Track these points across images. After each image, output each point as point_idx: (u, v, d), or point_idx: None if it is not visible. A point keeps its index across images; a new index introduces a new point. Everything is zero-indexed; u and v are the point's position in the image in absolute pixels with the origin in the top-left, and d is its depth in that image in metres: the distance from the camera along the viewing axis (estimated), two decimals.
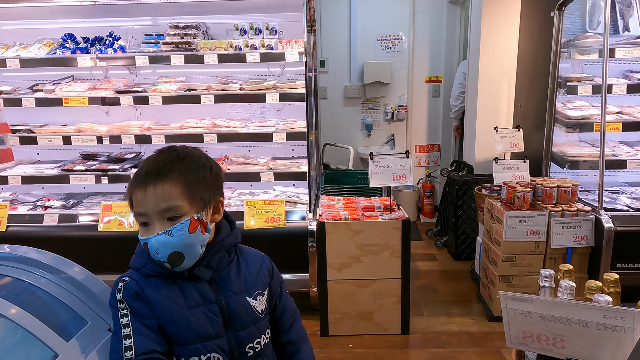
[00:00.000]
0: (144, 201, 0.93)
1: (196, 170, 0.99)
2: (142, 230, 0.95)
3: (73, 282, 0.87)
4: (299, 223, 2.64)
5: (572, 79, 2.82)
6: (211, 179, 1.02)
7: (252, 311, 1.03)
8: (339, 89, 4.67)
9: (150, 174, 0.94)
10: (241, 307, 1.02)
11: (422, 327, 2.60)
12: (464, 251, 3.58)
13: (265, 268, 1.12)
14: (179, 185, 0.95)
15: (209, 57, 2.68)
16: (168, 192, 0.93)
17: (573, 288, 1.05)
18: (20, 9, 2.85)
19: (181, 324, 0.96)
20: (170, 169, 0.96)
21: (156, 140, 2.79)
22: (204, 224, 0.98)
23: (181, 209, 0.94)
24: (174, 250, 0.93)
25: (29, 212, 2.79)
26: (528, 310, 0.86)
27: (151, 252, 0.93)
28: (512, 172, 2.86)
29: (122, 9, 2.87)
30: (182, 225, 0.93)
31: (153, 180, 0.93)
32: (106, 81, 3.02)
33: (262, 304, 1.06)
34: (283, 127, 2.81)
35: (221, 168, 1.09)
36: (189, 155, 1.01)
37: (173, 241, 0.93)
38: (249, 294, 1.04)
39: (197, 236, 0.96)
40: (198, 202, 0.97)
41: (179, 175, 0.96)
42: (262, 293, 1.07)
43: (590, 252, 2.48)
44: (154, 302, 0.96)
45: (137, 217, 0.95)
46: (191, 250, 0.96)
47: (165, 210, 0.93)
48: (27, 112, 3.05)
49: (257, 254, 1.14)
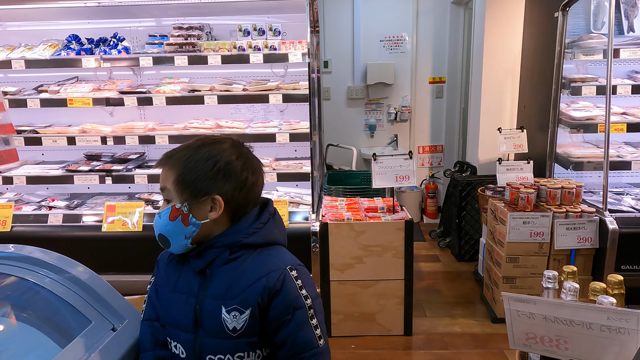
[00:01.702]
0: (162, 178, 1.02)
1: (196, 161, 1.00)
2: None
3: (77, 282, 0.88)
4: (302, 224, 2.64)
5: (576, 79, 2.81)
6: (210, 174, 0.99)
7: (220, 324, 0.95)
8: (342, 90, 4.67)
9: (165, 156, 1.03)
10: (212, 314, 0.95)
11: (425, 328, 2.60)
12: (467, 252, 3.57)
13: (261, 285, 0.96)
14: (175, 172, 0.99)
15: (212, 58, 2.69)
16: (166, 174, 1.00)
17: (577, 289, 1.05)
18: (26, 11, 2.87)
19: (163, 303, 1.02)
20: (179, 156, 1.01)
21: (160, 141, 2.80)
22: (185, 216, 0.98)
23: (170, 194, 1.00)
24: (159, 232, 1.00)
25: (33, 212, 2.80)
26: (531, 311, 0.86)
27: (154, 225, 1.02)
28: (516, 173, 2.85)
29: (126, 10, 2.88)
30: (166, 210, 0.99)
31: (163, 161, 1.02)
32: (110, 82, 3.03)
33: (237, 322, 0.95)
34: (286, 127, 2.81)
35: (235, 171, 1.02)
36: (204, 146, 1.02)
37: (159, 223, 1.00)
38: (225, 305, 0.96)
39: (179, 226, 0.98)
40: (185, 193, 0.98)
41: (179, 163, 1.00)
42: (240, 310, 0.95)
43: (594, 254, 2.47)
44: (159, 275, 1.06)
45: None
46: (174, 238, 0.99)
47: (162, 190, 1.01)
48: (32, 112, 3.07)
49: (267, 264, 1.00)
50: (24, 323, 0.84)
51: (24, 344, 0.82)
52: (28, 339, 0.83)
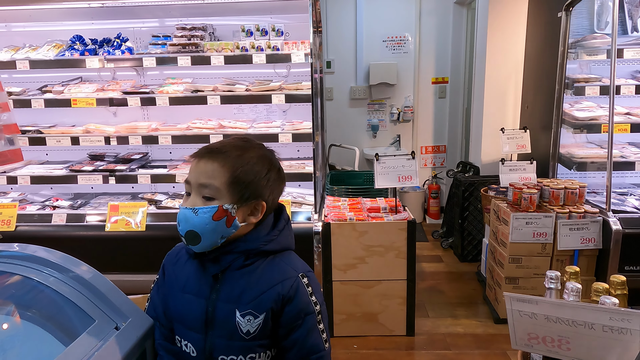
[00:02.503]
0: (193, 171, 0.97)
1: (251, 165, 0.99)
2: (184, 198, 0.99)
3: (81, 280, 0.88)
4: (304, 224, 2.64)
5: (579, 79, 2.80)
6: (262, 181, 1.00)
7: (234, 327, 0.97)
8: (345, 90, 4.68)
9: (211, 149, 0.98)
10: (225, 317, 0.97)
11: (428, 328, 2.60)
12: (470, 253, 3.56)
13: (276, 292, 0.98)
14: (227, 170, 0.96)
15: (215, 58, 2.70)
16: (213, 171, 0.96)
17: (579, 290, 1.05)
18: (30, 11, 2.89)
19: (172, 303, 1.02)
20: (228, 153, 0.98)
21: (163, 141, 2.81)
22: (231, 218, 0.97)
23: (217, 192, 0.96)
24: (192, 228, 0.95)
25: (37, 211, 2.82)
26: (533, 311, 0.86)
27: (177, 220, 0.97)
28: (519, 174, 2.85)
29: (129, 11, 2.89)
30: (209, 209, 0.95)
31: (209, 156, 0.97)
32: (114, 82, 3.05)
33: (251, 326, 0.97)
34: (289, 128, 2.81)
35: (283, 178, 1.07)
36: (254, 149, 1.02)
37: (195, 220, 0.94)
38: (240, 309, 0.97)
39: (220, 226, 0.96)
40: (236, 195, 0.97)
41: (231, 161, 0.97)
42: (254, 315, 0.97)
43: (597, 255, 2.46)
44: (167, 277, 1.06)
45: (185, 184, 1.00)
46: (209, 236, 0.96)
47: (203, 187, 0.95)
48: (36, 113, 3.09)
49: (281, 271, 1.01)
50: (28, 321, 0.84)
51: (28, 342, 0.83)
52: (32, 337, 0.83)
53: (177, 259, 1.06)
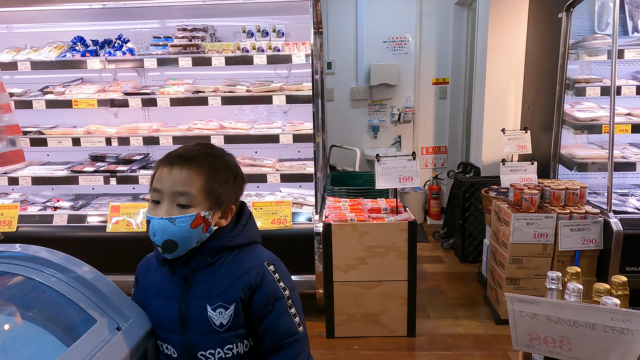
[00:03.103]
0: (165, 179, 0.96)
1: (223, 172, 1.02)
2: (151, 207, 0.98)
3: (82, 281, 0.89)
4: (305, 224, 2.64)
5: (580, 80, 2.80)
6: (233, 185, 1.05)
7: (208, 321, 0.99)
8: (346, 91, 4.68)
9: (181, 157, 0.98)
10: (198, 313, 1.00)
11: (429, 329, 2.59)
12: (471, 253, 3.56)
13: (243, 282, 1.01)
14: (203, 177, 0.98)
15: (216, 59, 2.70)
16: (189, 178, 0.96)
17: (580, 290, 1.05)
18: (32, 13, 2.90)
19: (148, 310, 1.04)
20: (201, 160, 0.99)
21: (164, 141, 2.81)
22: (207, 224, 0.99)
23: (193, 200, 0.96)
24: (170, 238, 0.95)
25: (38, 212, 2.82)
26: (535, 312, 0.86)
27: (150, 232, 0.96)
28: (520, 174, 2.85)
29: (130, 12, 2.90)
30: (186, 217, 0.95)
31: (181, 163, 0.97)
32: (115, 83, 3.05)
33: (224, 318, 1.00)
34: (290, 128, 2.82)
35: (245, 181, 1.11)
36: (222, 156, 1.05)
37: (173, 230, 0.95)
38: (210, 304, 1.00)
39: (197, 232, 0.98)
40: (212, 201, 0.99)
41: (206, 168, 0.99)
42: (225, 307, 1.00)
43: (598, 255, 2.46)
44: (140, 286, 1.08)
45: (152, 192, 0.98)
46: (186, 243, 0.98)
47: (179, 195, 0.96)
48: (37, 114, 3.09)
49: (246, 262, 1.04)
50: (30, 322, 0.84)
51: (30, 342, 0.83)
52: (34, 338, 0.83)
53: (147, 268, 1.09)
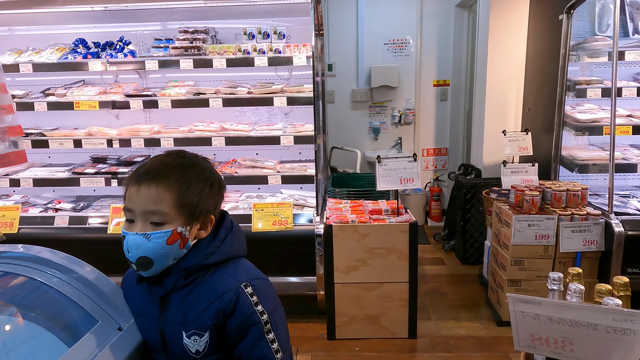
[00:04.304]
0: (134, 198, 0.91)
1: (195, 182, 0.95)
2: (126, 224, 0.94)
3: (84, 281, 0.89)
4: (306, 226, 2.64)
5: (581, 82, 2.80)
6: (208, 195, 0.98)
7: (184, 349, 0.96)
8: (347, 93, 4.68)
9: (148, 173, 0.92)
10: (175, 339, 0.96)
11: (430, 331, 2.59)
12: (472, 255, 3.55)
13: (215, 309, 0.95)
14: (173, 193, 0.92)
15: (217, 61, 2.71)
16: (159, 196, 0.91)
17: (582, 291, 1.04)
18: (34, 15, 2.91)
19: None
20: (169, 174, 0.93)
21: (165, 143, 2.81)
22: (184, 240, 0.94)
23: (167, 217, 0.91)
24: (145, 254, 0.90)
25: (40, 214, 2.83)
26: (536, 312, 0.86)
27: (124, 248, 0.92)
28: (521, 176, 2.85)
29: (132, 14, 2.90)
30: (162, 234, 0.91)
31: (149, 180, 0.91)
32: (116, 85, 3.06)
33: (199, 345, 0.95)
34: (291, 130, 2.82)
35: (224, 185, 1.04)
36: (194, 165, 0.97)
37: (148, 246, 0.90)
38: (185, 330, 0.96)
39: (173, 249, 0.93)
40: (186, 215, 0.94)
41: (175, 183, 0.93)
42: (199, 334, 0.95)
43: (600, 257, 2.45)
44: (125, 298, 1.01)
45: (125, 211, 0.93)
46: (163, 260, 0.93)
47: (151, 214, 0.91)
48: (39, 115, 3.10)
49: (220, 286, 0.97)
50: (32, 322, 0.84)
51: (31, 342, 0.83)
52: (36, 338, 0.84)
53: (129, 283, 1.03)
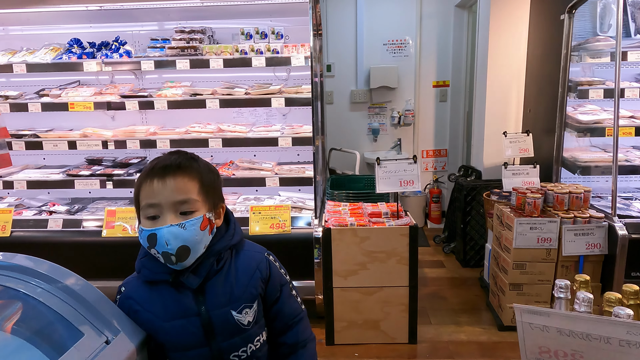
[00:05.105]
0: (160, 191, 0.93)
1: (209, 172, 1.04)
2: (148, 222, 0.95)
3: (69, 291, 0.84)
4: (304, 229, 2.60)
5: (583, 82, 2.77)
6: (218, 185, 1.07)
7: (236, 324, 1.00)
8: (345, 94, 4.65)
9: (169, 167, 0.96)
10: (224, 321, 0.99)
11: (430, 336, 2.55)
12: (473, 258, 3.51)
13: (257, 278, 1.05)
14: (197, 181, 0.98)
15: (214, 61, 2.67)
16: (186, 185, 0.96)
17: (591, 300, 1.00)
18: (28, 15, 2.86)
19: (160, 336, 0.98)
20: (189, 165, 0.99)
21: (161, 145, 2.77)
22: (212, 225, 1.01)
23: (196, 204, 0.97)
24: (184, 243, 0.94)
25: (33, 217, 2.78)
26: (545, 324, 0.82)
27: (160, 242, 0.93)
28: (522, 178, 2.81)
29: (128, 14, 2.86)
30: (195, 220, 0.95)
31: (173, 172, 0.95)
32: (112, 86, 3.02)
33: (250, 316, 1.02)
34: (289, 131, 2.78)
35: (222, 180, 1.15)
36: (199, 159, 1.06)
37: (185, 234, 0.93)
38: (234, 307, 1.00)
39: (205, 235, 0.98)
40: (209, 202, 1.01)
41: (196, 172, 0.99)
42: (249, 306, 1.02)
43: (603, 260, 2.41)
44: (139, 317, 0.98)
45: (147, 208, 0.94)
46: (197, 247, 0.97)
47: (181, 203, 0.95)
48: (33, 117, 3.05)
49: (253, 259, 1.07)
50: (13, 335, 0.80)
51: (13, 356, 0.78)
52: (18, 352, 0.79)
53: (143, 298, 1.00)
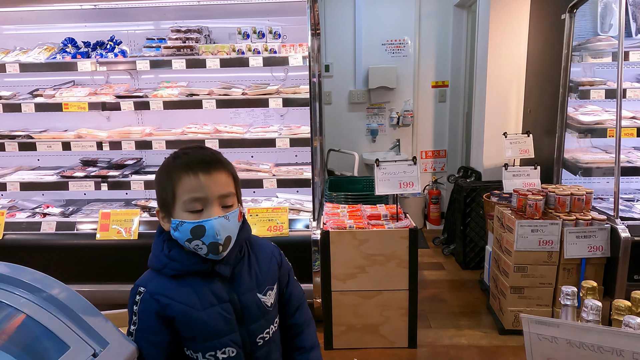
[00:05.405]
0: (207, 185, 0.98)
1: (232, 166, 1.08)
2: (191, 216, 0.98)
3: (55, 302, 0.80)
4: (302, 232, 2.56)
5: (584, 83, 2.74)
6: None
7: (262, 306, 1.08)
8: (344, 94, 4.61)
9: (212, 162, 1.00)
10: (252, 304, 1.06)
11: (430, 340, 2.51)
12: (473, 260, 3.48)
13: (274, 262, 1.15)
14: (232, 175, 1.05)
15: (211, 61, 2.63)
16: (227, 179, 1.02)
17: (599, 308, 0.97)
18: (21, 14, 2.82)
19: (196, 326, 1.01)
20: (226, 160, 1.05)
21: (157, 146, 2.73)
22: (241, 216, 1.06)
23: (233, 197, 1.03)
24: (229, 234, 1.00)
25: (26, 219, 2.73)
26: (554, 335, 0.78)
27: (209, 234, 0.97)
28: (523, 179, 2.77)
29: (123, 13, 2.82)
30: (235, 212, 1.02)
31: (216, 167, 1.00)
32: (107, 86, 2.97)
33: (272, 298, 1.11)
34: (286, 132, 2.74)
35: None
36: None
37: (229, 225, 1.00)
38: (259, 291, 1.08)
39: (238, 225, 1.04)
40: (239, 196, 1.07)
41: (231, 167, 1.06)
42: (271, 288, 1.11)
43: (605, 263, 2.38)
44: (171, 309, 0.99)
45: (192, 202, 0.97)
46: (234, 237, 1.03)
47: (224, 197, 1.00)
48: (27, 117, 3.01)
49: (267, 247, 1.17)
50: None
51: None
52: None
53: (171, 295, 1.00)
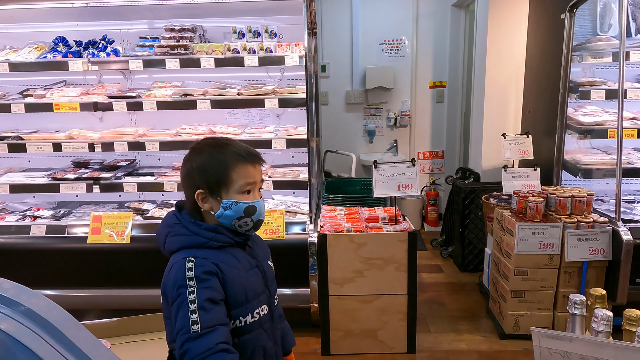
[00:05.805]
0: (254, 173, 1.17)
1: None
2: (243, 197, 1.16)
3: (32, 315, 0.74)
4: (299, 235, 2.51)
5: (584, 83, 2.70)
6: None
7: (273, 272, 1.30)
8: (341, 95, 4.56)
9: (258, 154, 1.20)
10: (269, 269, 1.27)
11: (429, 345, 2.46)
12: (471, 262, 3.44)
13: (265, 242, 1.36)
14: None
15: (205, 61, 2.57)
16: (260, 170, 1.21)
17: (610, 318, 0.93)
18: (11, 12, 2.75)
19: (244, 286, 1.15)
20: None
21: (150, 147, 2.67)
22: None
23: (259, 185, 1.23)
24: (263, 217, 1.22)
25: (15, 222, 2.66)
26: (566, 350, 0.74)
27: (259, 212, 1.18)
28: (522, 181, 2.74)
29: (116, 12, 2.76)
30: (263, 198, 1.22)
31: (260, 159, 1.20)
32: (99, 86, 2.91)
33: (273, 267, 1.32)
34: (282, 133, 2.69)
35: None
36: None
37: (263, 210, 1.22)
38: (268, 259, 1.30)
39: None
40: None
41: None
42: (270, 259, 1.32)
43: (607, 266, 2.34)
44: (225, 272, 1.12)
45: (247, 185, 1.16)
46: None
47: (260, 182, 1.21)
48: (18, 118, 2.94)
49: None
50: None
51: None
52: None
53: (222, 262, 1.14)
